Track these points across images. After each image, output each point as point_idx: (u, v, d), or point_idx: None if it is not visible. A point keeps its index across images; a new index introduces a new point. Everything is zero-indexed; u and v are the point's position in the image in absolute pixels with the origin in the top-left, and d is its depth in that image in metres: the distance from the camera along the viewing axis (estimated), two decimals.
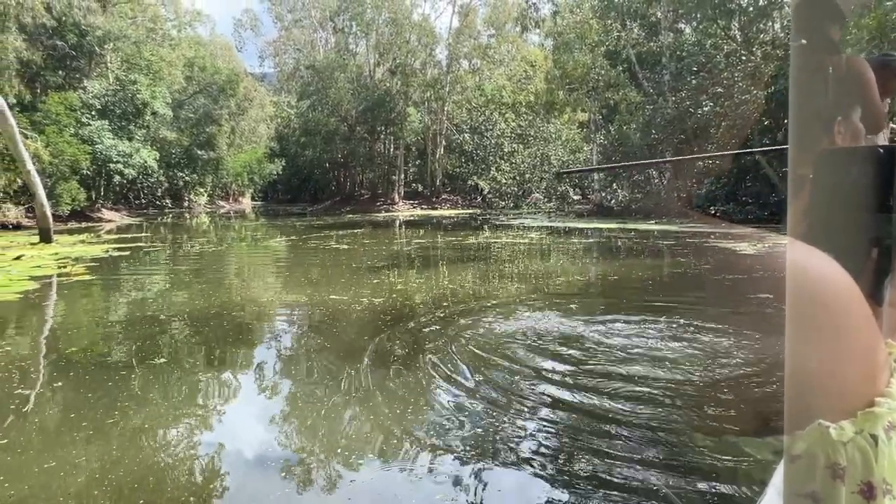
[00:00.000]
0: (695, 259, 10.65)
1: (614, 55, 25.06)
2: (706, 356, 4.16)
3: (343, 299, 6.33)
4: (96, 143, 24.41)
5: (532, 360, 4.13)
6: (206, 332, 5.16)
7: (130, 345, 4.68)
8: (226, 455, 2.75)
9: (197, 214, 33.43)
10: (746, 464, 2.60)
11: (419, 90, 37.88)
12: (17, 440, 2.87)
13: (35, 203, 14.25)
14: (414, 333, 4.88)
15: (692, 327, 4.95)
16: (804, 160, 0.68)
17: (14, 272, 8.61)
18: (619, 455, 2.69)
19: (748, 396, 3.43)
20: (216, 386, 3.69)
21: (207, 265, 10.51)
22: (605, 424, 3.04)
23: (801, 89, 0.65)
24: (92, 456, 2.67)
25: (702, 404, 3.31)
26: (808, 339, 0.54)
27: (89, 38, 24.81)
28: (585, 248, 13.62)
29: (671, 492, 2.36)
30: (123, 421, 3.09)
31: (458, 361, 4.07)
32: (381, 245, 14.15)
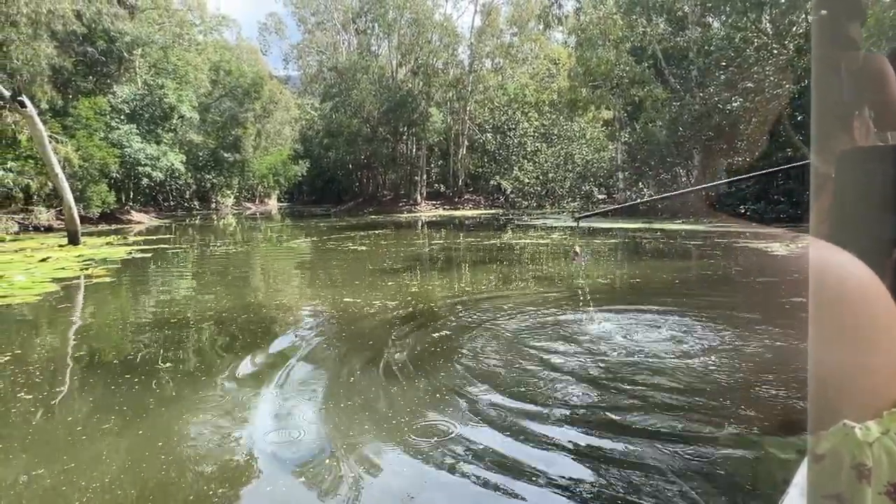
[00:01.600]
0: (723, 260, 10.25)
1: (639, 51, 24.51)
2: (730, 356, 4.12)
3: (358, 301, 6.21)
4: (125, 146, 24.97)
5: (556, 363, 3.98)
6: (216, 336, 5.09)
7: (138, 348, 4.63)
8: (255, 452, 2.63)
9: (224, 216, 33.95)
10: (769, 462, 2.59)
11: (441, 90, 37.79)
12: (11, 448, 2.80)
13: (63, 205, 14.56)
14: (428, 344, 4.71)
15: (717, 328, 4.86)
16: (826, 159, 0.68)
17: (38, 274, 8.75)
18: (639, 451, 2.70)
19: (772, 396, 3.42)
20: (227, 396, 3.59)
21: (226, 267, 10.54)
22: (626, 420, 3.06)
23: (821, 87, 0.65)
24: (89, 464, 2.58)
25: (724, 403, 3.31)
26: (832, 338, 0.53)
27: (118, 43, 25.35)
28: (610, 248, 13.28)
29: (691, 489, 2.35)
30: (117, 434, 3.00)
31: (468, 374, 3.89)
32: (401, 247, 14.05)
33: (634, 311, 5.59)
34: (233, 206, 40.88)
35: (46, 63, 19.92)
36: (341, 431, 2.95)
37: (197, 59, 31.87)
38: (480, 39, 37.88)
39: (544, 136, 36.13)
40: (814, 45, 0.80)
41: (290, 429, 3.01)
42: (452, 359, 4.16)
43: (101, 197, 22.61)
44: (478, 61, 38.66)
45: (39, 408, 3.36)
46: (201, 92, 32.60)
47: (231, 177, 39.50)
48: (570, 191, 31.35)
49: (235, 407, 3.34)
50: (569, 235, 16.98)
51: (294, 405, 3.34)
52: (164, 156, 27.37)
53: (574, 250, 4.64)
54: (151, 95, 27.50)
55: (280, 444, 2.84)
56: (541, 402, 3.31)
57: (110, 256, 11.51)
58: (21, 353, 4.51)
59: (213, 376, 3.89)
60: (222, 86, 36.20)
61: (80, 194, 21.68)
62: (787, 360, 3.98)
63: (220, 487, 2.44)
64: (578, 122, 33.60)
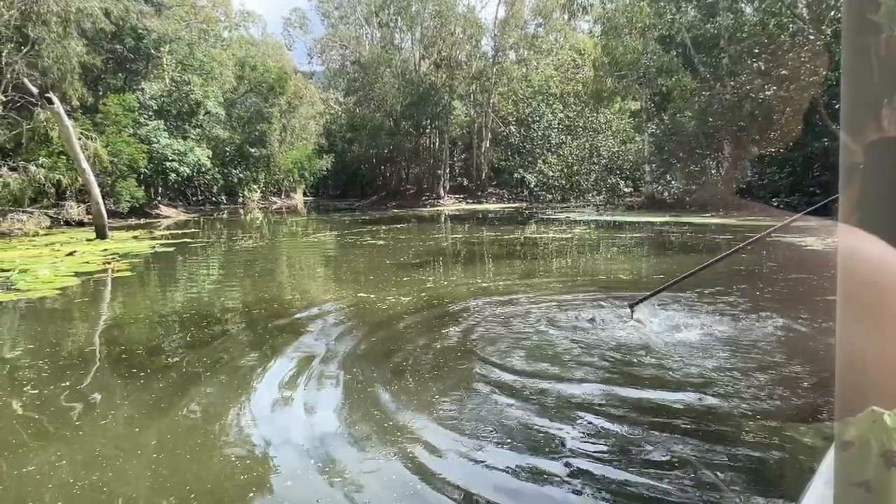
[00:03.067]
0: (754, 255, 9.84)
1: (667, 39, 23.78)
2: (756, 347, 4.14)
3: (373, 297, 6.10)
4: (153, 142, 25.39)
5: (577, 365, 3.85)
6: (225, 332, 5.03)
7: (146, 344, 4.60)
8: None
9: (250, 210, 34.39)
10: (794, 449, 2.59)
11: (464, 83, 37.43)
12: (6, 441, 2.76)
13: (91, 201, 14.85)
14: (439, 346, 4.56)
15: (744, 321, 4.85)
16: (855, 149, 0.64)
17: (62, 268, 8.90)
18: (663, 437, 2.73)
19: (798, 385, 3.41)
20: (226, 392, 3.50)
21: (246, 262, 10.57)
22: (653, 407, 3.12)
23: (850, 74, 0.64)
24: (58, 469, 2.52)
25: (750, 391, 3.31)
26: (860, 325, 0.54)
27: (146, 41, 25.78)
28: (636, 242, 12.92)
29: (714, 474, 2.36)
30: (95, 431, 2.94)
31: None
32: (421, 241, 13.93)
33: (660, 305, 5.36)
34: (259, 201, 41.31)
35: (77, 61, 20.33)
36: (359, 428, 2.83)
37: (222, 55, 32.23)
38: (504, 30, 37.36)
39: (569, 129, 35.52)
40: (844, 29, 0.69)
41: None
42: (455, 359, 4.00)
43: (130, 192, 23.06)
44: (501, 53, 38.16)
45: (44, 401, 3.33)
46: (227, 88, 32.96)
47: (257, 171, 39.82)
48: (595, 184, 30.77)
49: (243, 392, 3.25)
50: (593, 229, 16.62)
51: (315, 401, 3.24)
52: (191, 151, 27.77)
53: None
54: (178, 91, 27.90)
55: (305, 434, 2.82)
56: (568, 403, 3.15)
57: (134, 251, 11.68)
58: (33, 348, 4.53)
59: (218, 374, 3.81)
60: (247, 81, 36.51)
61: (109, 189, 22.18)
62: (813, 354, 3.96)
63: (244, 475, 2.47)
64: (604, 114, 32.91)
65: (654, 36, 23.99)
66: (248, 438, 2.88)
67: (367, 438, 2.80)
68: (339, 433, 2.89)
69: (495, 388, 3.41)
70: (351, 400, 3.34)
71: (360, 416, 3.09)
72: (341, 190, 49.68)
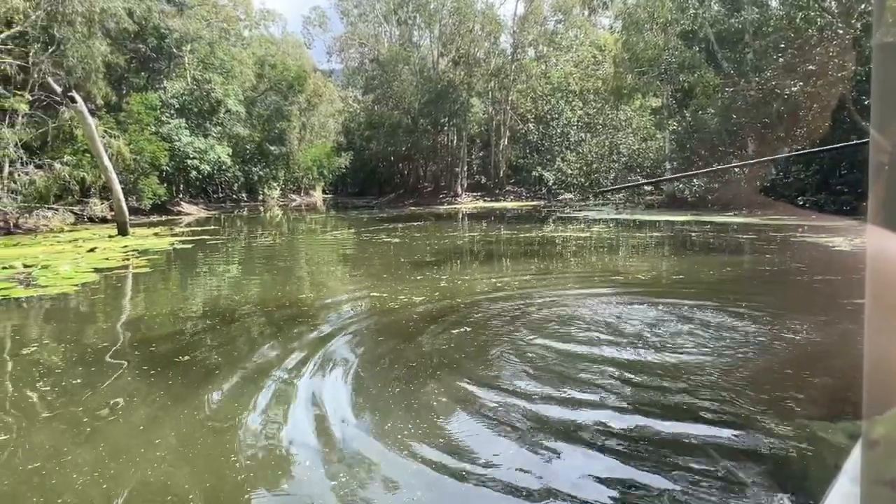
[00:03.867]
0: (779, 256, 9.57)
1: (690, 35, 23.33)
2: (783, 346, 4.11)
3: (388, 295, 6.06)
4: (174, 140, 25.75)
5: (599, 353, 3.82)
6: (233, 329, 5.02)
7: (159, 339, 4.61)
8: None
9: (270, 208, 34.71)
10: (819, 447, 2.60)
11: (483, 80, 37.25)
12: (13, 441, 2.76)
13: (112, 198, 15.09)
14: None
15: (772, 320, 4.79)
16: (884, 145, 0.63)
17: (83, 264, 9.03)
18: (686, 433, 2.75)
19: (823, 383, 3.38)
20: (235, 394, 3.48)
21: (262, 259, 10.63)
22: (677, 403, 3.12)
23: (880, 69, 0.64)
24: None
25: (773, 389, 3.31)
26: (889, 324, 0.55)
27: (168, 40, 26.14)
28: (656, 242, 12.69)
29: (739, 471, 2.37)
30: (113, 422, 2.92)
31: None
32: (436, 239, 13.87)
33: (680, 305, 5.22)
34: (279, 198, 41.66)
35: (101, 60, 20.69)
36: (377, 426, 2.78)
37: (242, 53, 32.54)
38: (523, 27, 37.07)
39: (588, 126, 35.15)
40: (874, 22, 0.62)
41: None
42: (461, 360, 3.92)
43: (152, 189, 23.40)
44: (520, 50, 37.87)
45: (52, 396, 3.34)
46: (247, 86, 33.27)
47: (277, 169, 40.16)
48: (614, 182, 30.38)
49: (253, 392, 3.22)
50: (612, 227, 16.39)
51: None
52: (212, 149, 28.11)
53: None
54: (199, 90, 28.25)
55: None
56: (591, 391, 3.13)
57: (153, 247, 11.83)
58: (47, 343, 4.57)
59: (227, 372, 3.80)
60: (267, 80, 36.82)
61: (132, 187, 22.55)
62: (839, 353, 3.88)
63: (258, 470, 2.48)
64: (625, 111, 32.49)
65: (676, 31, 23.56)
66: (268, 431, 2.89)
67: (387, 435, 2.79)
68: (355, 425, 2.92)
69: (489, 407, 3.32)
70: (361, 397, 3.29)
71: (370, 413, 3.03)
72: (360, 187, 49.92)
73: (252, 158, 37.14)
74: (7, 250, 11.57)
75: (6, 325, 5.45)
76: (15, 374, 3.85)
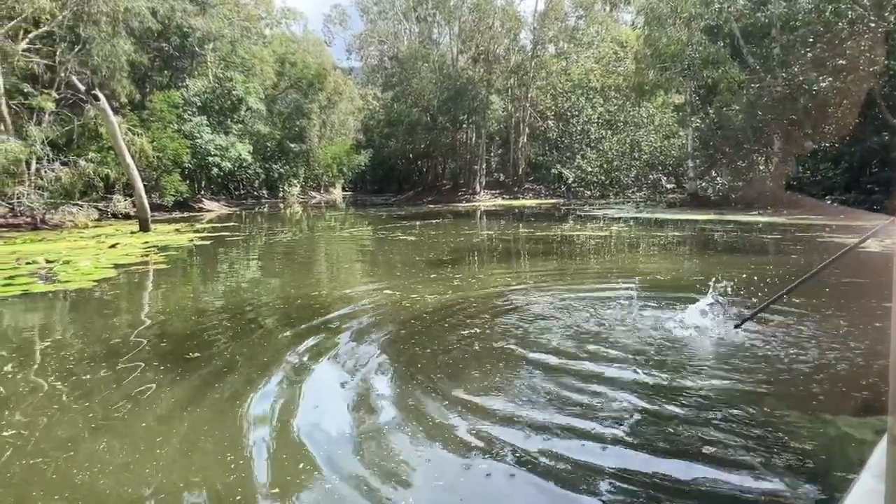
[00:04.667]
0: (805, 257, 9.28)
1: (714, 30, 22.80)
2: (809, 344, 4.08)
3: (398, 294, 6.01)
4: (196, 137, 26.09)
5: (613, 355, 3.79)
6: (243, 326, 5.01)
7: (171, 335, 4.62)
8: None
9: (290, 205, 35.02)
10: (843, 442, 2.59)
11: (502, 77, 37.01)
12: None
13: (134, 194, 15.32)
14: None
15: (799, 319, 4.76)
16: None
17: (103, 260, 9.17)
18: (711, 426, 2.75)
19: (849, 380, 3.33)
20: (246, 398, 3.45)
21: (276, 257, 10.67)
22: (699, 398, 3.11)
23: None
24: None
25: (801, 384, 3.30)
26: None
27: (190, 39, 26.48)
28: (678, 241, 12.43)
29: (760, 464, 2.38)
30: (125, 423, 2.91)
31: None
32: (452, 237, 13.80)
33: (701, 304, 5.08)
34: (299, 195, 41.98)
35: (125, 59, 21.04)
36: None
37: (263, 51, 32.81)
38: (543, 23, 36.70)
39: (609, 123, 34.71)
40: None
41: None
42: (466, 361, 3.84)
43: (175, 186, 23.75)
44: (540, 46, 37.50)
45: (62, 394, 3.35)
46: (267, 84, 33.54)
47: (297, 167, 40.46)
48: (635, 180, 29.97)
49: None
50: (631, 226, 16.13)
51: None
52: (233, 146, 28.41)
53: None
54: (221, 88, 28.56)
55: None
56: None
57: (173, 244, 11.97)
58: (60, 339, 4.61)
59: (234, 369, 3.77)
60: (287, 77, 37.09)
61: (154, 184, 22.92)
62: (865, 352, 3.83)
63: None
64: (647, 108, 31.99)
65: (700, 26, 23.05)
66: (284, 425, 2.90)
67: (416, 433, 2.80)
68: (370, 420, 2.93)
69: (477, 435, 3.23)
70: (358, 401, 3.23)
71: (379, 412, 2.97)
72: (379, 185, 50.08)
73: (273, 156, 37.47)
74: (33, 245, 11.82)
75: (22, 319, 5.53)
76: (22, 367, 3.88)
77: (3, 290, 6.66)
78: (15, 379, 3.67)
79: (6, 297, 6.26)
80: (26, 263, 8.73)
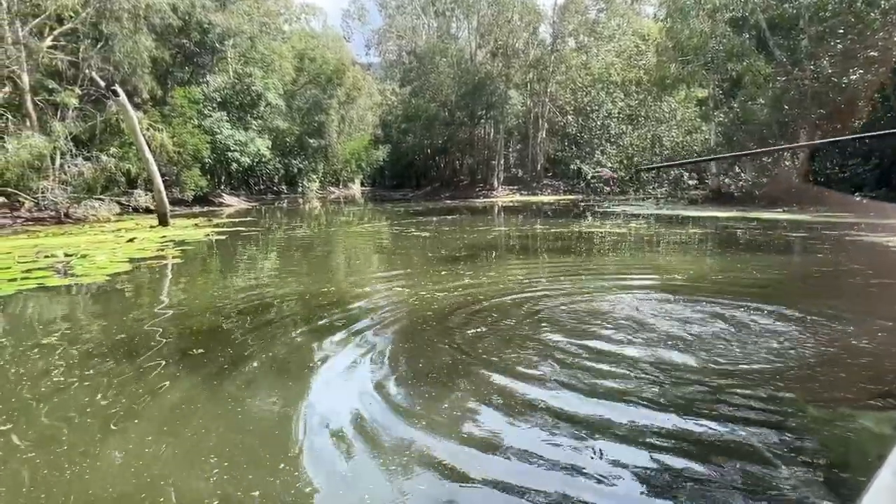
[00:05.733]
0: (832, 255, 8.95)
1: (740, 22, 22.22)
2: (829, 340, 4.01)
3: (407, 291, 5.92)
4: (216, 133, 26.34)
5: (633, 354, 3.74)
6: (246, 324, 4.97)
7: (175, 330, 4.60)
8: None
9: (309, 200, 35.20)
10: (861, 437, 2.55)
11: (521, 72, 36.66)
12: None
13: (153, 189, 15.49)
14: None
15: (820, 316, 4.65)
16: None
17: (119, 254, 9.26)
18: (728, 421, 2.74)
19: (867, 376, 3.29)
20: (258, 395, 3.39)
21: (289, 252, 10.68)
22: (715, 392, 3.09)
23: None
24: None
25: (819, 379, 3.27)
26: None
27: (211, 35, 26.69)
28: (699, 239, 12.13)
29: (777, 459, 2.36)
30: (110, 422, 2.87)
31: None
32: (470, 233, 13.67)
33: (724, 303, 4.91)
34: (318, 191, 42.18)
35: (147, 55, 21.29)
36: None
37: (282, 47, 32.95)
38: (564, 17, 36.24)
39: (630, 118, 34.15)
40: None
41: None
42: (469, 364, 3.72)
43: (195, 181, 24.02)
44: (560, 40, 37.05)
45: (71, 389, 3.33)
46: (287, 80, 33.69)
47: (316, 162, 40.65)
48: (656, 176, 29.45)
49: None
50: (651, 223, 15.82)
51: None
52: (252, 142, 28.63)
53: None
54: (241, 84, 28.77)
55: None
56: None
57: (189, 238, 12.06)
58: (68, 332, 4.62)
59: (241, 366, 3.72)
60: (306, 73, 37.22)
61: (175, 178, 23.21)
62: (886, 350, 3.79)
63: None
64: (668, 103, 31.39)
65: (725, 18, 22.48)
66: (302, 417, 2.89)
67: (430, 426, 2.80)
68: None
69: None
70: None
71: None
72: (397, 180, 50.11)
73: (291, 151, 37.69)
74: (55, 239, 12.02)
75: (32, 312, 5.57)
76: (22, 362, 3.88)
77: (21, 283, 6.74)
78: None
79: (21, 291, 6.32)
80: (45, 257, 8.85)
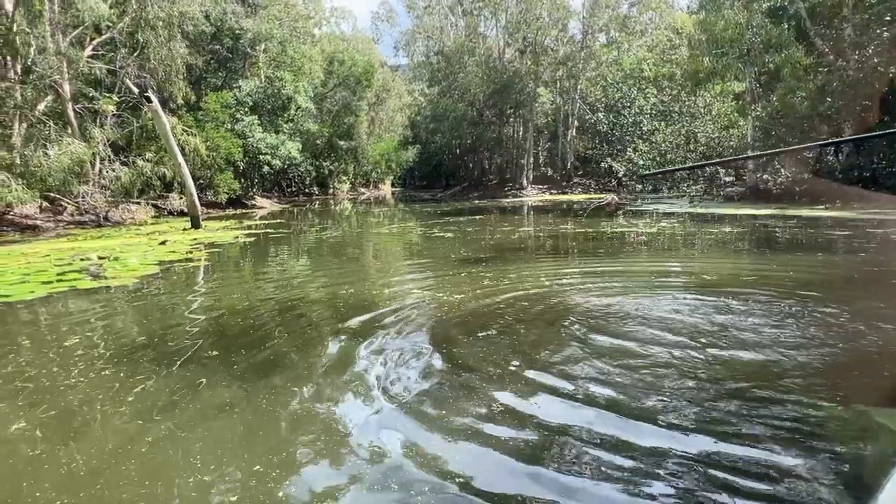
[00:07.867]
0: (879, 255, 8.48)
1: (779, 11, 21.37)
2: (846, 337, 3.93)
3: (427, 294, 5.85)
4: (248, 136, 26.86)
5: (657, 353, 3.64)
6: (262, 329, 4.97)
7: (191, 333, 4.63)
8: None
9: (340, 201, 35.58)
10: (877, 435, 2.54)
11: (550, 69, 36.23)
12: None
13: (185, 192, 15.87)
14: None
15: (840, 312, 4.57)
16: None
17: (149, 256, 9.48)
18: (742, 416, 2.75)
19: (885, 372, 3.25)
20: (287, 405, 3.38)
21: (309, 254, 10.75)
22: (730, 389, 3.08)
23: None
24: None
25: (835, 375, 3.24)
26: None
27: (242, 40, 27.26)
28: (737, 237, 11.70)
29: (790, 456, 2.35)
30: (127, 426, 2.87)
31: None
32: (498, 233, 13.53)
33: (755, 301, 4.74)
34: (348, 192, 42.59)
35: (181, 62, 21.86)
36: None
37: (312, 51, 33.38)
38: (594, 12, 35.64)
39: (663, 114, 33.32)
40: None
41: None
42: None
43: (228, 184, 24.56)
44: (590, 36, 36.45)
45: (81, 394, 3.37)
46: (317, 82, 34.11)
47: (346, 163, 41.04)
48: (690, 173, 28.60)
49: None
50: (685, 222, 15.37)
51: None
52: (283, 145, 29.09)
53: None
54: (271, 87, 29.27)
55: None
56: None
57: (219, 240, 12.29)
58: (90, 336, 4.71)
59: (243, 363, 3.71)
60: (336, 76, 37.61)
61: (208, 182, 23.77)
62: None
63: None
64: (703, 97, 30.47)
65: (762, 8, 21.66)
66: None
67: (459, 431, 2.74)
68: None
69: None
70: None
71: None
72: (426, 180, 50.24)
73: (322, 153, 38.13)
74: (91, 242, 12.42)
75: (62, 313, 5.72)
76: (40, 363, 3.96)
77: (54, 286, 6.94)
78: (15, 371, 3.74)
79: (52, 294, 6.51)
80: (80, 260, 9.13)
